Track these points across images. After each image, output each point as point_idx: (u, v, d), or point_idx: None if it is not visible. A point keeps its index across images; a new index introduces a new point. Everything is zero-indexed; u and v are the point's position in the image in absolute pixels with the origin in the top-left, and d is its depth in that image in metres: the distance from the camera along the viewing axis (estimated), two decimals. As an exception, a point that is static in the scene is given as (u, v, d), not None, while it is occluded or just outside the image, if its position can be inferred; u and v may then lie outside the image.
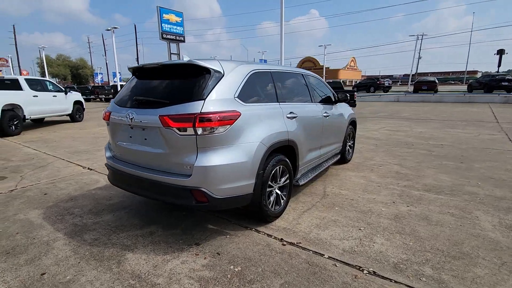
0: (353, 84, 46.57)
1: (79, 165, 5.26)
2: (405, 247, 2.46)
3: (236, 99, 2.45)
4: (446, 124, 9.38)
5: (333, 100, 4.40)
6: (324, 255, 2.37)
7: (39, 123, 11.49)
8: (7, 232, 2.84)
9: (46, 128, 10.22)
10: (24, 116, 9.01)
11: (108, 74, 58.23)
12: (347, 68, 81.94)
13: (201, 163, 2.23)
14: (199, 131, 2.19)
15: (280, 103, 3.01)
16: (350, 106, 12.22)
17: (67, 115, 11.52)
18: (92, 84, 48.43)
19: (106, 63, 60.00)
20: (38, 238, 2.72)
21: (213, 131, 2.23)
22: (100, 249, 2.51)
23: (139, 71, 2.79)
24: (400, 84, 60.51)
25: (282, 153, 2.96)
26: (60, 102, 10.81)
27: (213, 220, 3.00)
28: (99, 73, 56.69)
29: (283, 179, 3.02)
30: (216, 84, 2.36)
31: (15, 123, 8.62)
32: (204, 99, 2.25)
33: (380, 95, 24.20)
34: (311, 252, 2.42)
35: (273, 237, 2.66)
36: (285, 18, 16.23)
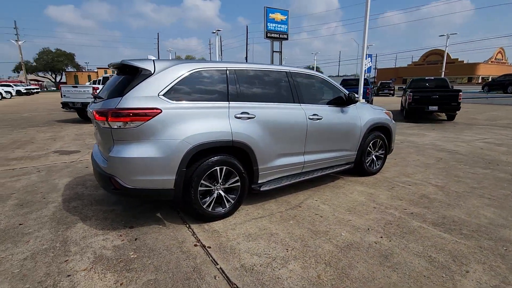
0: (485, 81, 37.17)
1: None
2: (314, 281, 2.04)
3: (161, 96, 2.54)
4: None
5: (344, 101, 3.84)
6: (217, 264, 2.24)
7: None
8: (36, 190, 3.83)
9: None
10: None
11: (222, 72, 65.60)
12: (491, 61, 65.82)
13: (113, 153, 2.46)
14: (112, 125, 2.42)
15: (231, 102, 2.90)
16: (451, 110, 10.08)
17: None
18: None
19: (222, 62, 67.75)
20: (46, 198, 3.56)
21: (125, 126, 2.41)
22: (68, 214, 3.11)
23: (114, 68, 3.20)
24: None
25: (228, 154, 2.87)
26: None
27: (166, 211, 3.20)
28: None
29: (230, 181, 2.93)
30: (140, 82, 2.52)
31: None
32: (122, 96, 2.46)
33: (520, 97, 18.53)
34: (210, 259, 2.31)
35: (195, 236, 2.66)
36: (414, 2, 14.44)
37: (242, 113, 2.90)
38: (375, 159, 4.42)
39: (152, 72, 2.57)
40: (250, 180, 3.10)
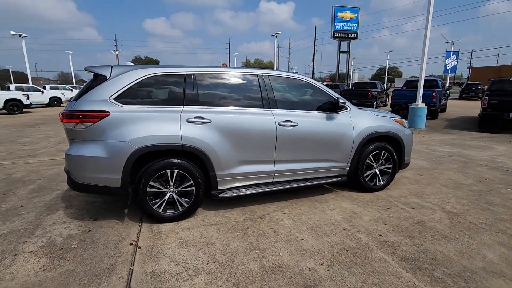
0: None
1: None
2: (206, 300, 1.91)
3: (111, 100, 2.71)
4: None
5: (332, 107, 3.46)
6: (133, 266, 2.27)
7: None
8: (56, 179, 4.49)
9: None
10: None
11: (289, 74, 65.87)
12: None
13: (67, 151, 2.73)
14: (66, 125, 2.68)
15: (186, 106, 2.91)
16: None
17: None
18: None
19: (288, 64, 67.79)
20: (57, 186, 4.15)
21: (75, 127, 2.65)
22: (60, 202, 3.56)
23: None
24: None
25: (181, 158, 2.89)
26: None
27: (134, 208, 3.38)
28: (282, 74, 65.32)
29: (184, 185, 2.94)
30: (95, 87, 2.73)
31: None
32: (77, 100, 2.71)
33: None
34: (131, 259, 2.37)
35: (137, 235, 2.75)
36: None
37: (195, 117, 2.88)
38: (378, 173, 3.85)
39: (107, 77, 2.77)
40: (209, 186, 3.05)
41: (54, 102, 20.73)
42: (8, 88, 18.89)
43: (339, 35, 38.35)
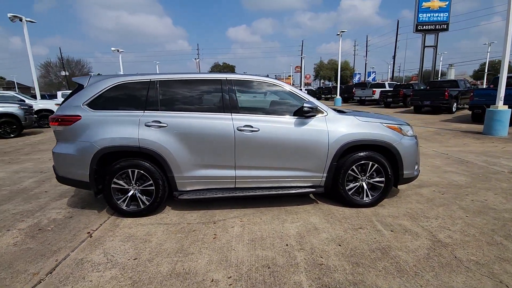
0: None
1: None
2: (98, 292, 2.06)
3: (84, 106, 3.11)
4: None
5: (304, 111, 3.21)
6: (72, 252, 2.59)
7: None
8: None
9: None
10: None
11: (365, 74, 61.61)
12: None
13: (53, 149, 3.23)
14: (52, 127, 3.20)
15: (146, 111, 3.12)
16: None
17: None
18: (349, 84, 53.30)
19: (365, 63, 63.34)
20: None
21: (56, 128, 3.14)
22: (72, 191, 4.23)
23: None
24: None
25: (140, 159, 3.12)
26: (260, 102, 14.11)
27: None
28: (358, 73, 61.09)
29: (145, 184, 3.17)
30: (73, 94, 3.18)
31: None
32: (60, 105, 3.20)
33: None
34: (76, 246, 2.69)
35: (100, 225, 3.10)
36: None
37: (153, 121, 3.07)
38: (366, 187, 3.37)
39: (84, 86, 3.19)
40: (169, 187, 3.21)
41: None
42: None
43: (424, 27, 33.96)
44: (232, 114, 3.18)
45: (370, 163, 3.29)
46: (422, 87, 19.20)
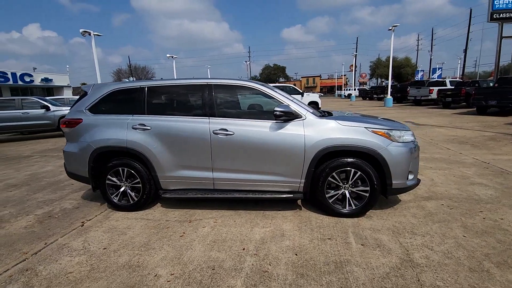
0: None
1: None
2: (70, 281, 2.37)
3: (86, 110, 3.54)
4: None
5: (282, 115, 3.15)
6: (61, 238, 2.99)
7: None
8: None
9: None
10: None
11: (430, 71, 55.91)
12: None
13: (64, 148, 3.74)
14: (62, 129, 3.70)
15: (134, 115, 3.41)
16: None
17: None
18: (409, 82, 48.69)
19: (430, 58, 57.42)
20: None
21: (65, 130, 3.62)
22: (91, 184, 4.81)
23: None
24: None
25: (129, 158, 3.44)
26: (295, 102, 13.96)
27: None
28: (421, 70, 55.58)
29: (133, 182, 3.48)
30: (79, 101, 3.64)
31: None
32: (70, 110, 3.68)
33: None
34: (66, 232, 3.10)
35: (95, 216, 3.49)
36: None
37: (139, 124, 3.35)
38: (348, 196, 3.16)
39: (87, 93, 3.64)
40: (156, 185, 3.47)
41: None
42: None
43: (500, 15, 29.31)
44: (210, 118, 3.29)
45: (353, 170, 3.08)
46: (491, 84, 16.69)
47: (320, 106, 14.99)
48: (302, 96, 14.04)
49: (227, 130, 3.20)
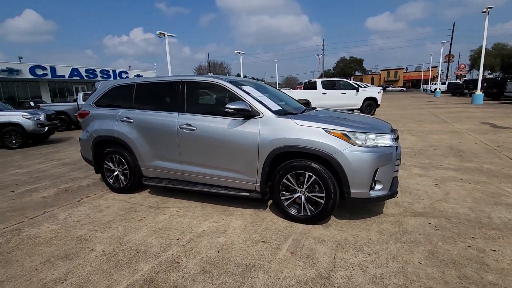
0: None
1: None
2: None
3: (92, 104, 4.15)
4: None
5: (241, 112, 3.13)
6: (50, 210, 3.64)
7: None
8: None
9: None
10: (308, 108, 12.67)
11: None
12: None
13: (80, 136, 4.46)
14: (79, 119, 4.42)
15: (124, 109, 3.84)
16: None
17: (356, 109, 13.48)
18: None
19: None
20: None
21: (80, 120, 4.32)
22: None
23: None
24: None
25: (120, 147, 3.91)
26: (348, 98, 13.05)
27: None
28: (540, 60, 44.44)
29: (123, 167, 3.96)
30: (91, 95, 4.28)
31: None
32: (84, 104, 4.37)
33: None
34: (65, 204, 3.75)
35: (87, 197, 4.10)
36: None
37: (125, 117, 3.78)
38: (303, 200, 2.96)
39: (96, 89, 4.25)
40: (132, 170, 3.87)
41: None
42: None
43: None
44: (180, 113, 3.48)
45: (307, 174, 2.86)
46: None
47: (379, 102, 13.65)
48: (357, 91, 12.97)
49: (190, 126, 3.34)
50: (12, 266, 2.42)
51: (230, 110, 3.02)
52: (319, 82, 12.89)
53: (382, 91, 13.76)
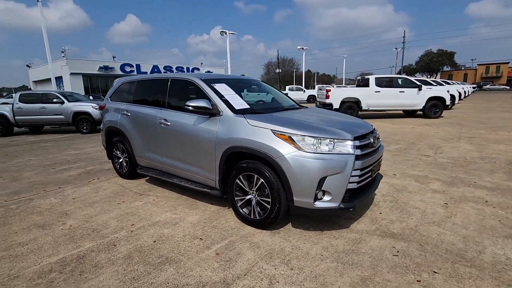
0: None
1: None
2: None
3: (108, 98, 4.72)
4: None
5: (204, 110, 3.19)
6: (59, 187, 4.31)
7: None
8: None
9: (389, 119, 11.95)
10: (361, 107, 11.71)
11: None
12: None
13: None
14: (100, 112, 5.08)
15: (126, 104, 4.28)
16: None
17: (419, 110, 11.91)
18: None
19: None
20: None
21: (101, 112, 4.98)
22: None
23: None
24: None
25: (122, 137, 4.39)
26: (406, 97, 11.62)
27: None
28: None
29: (124, 155, 4.45)
30: (109, 90, 4.88)
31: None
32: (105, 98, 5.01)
33: None
34: (72, 183, 4.41)
35: (106, 177, 4.70)
36: None
37: (126, 110, 4.21)
38: (253, 203, 2.86)
39: (114, 84, 4.82)
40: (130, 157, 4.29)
41: (311, 99, 26.01)
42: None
43: None
44: (162, 109, 3.71)
45: (256, 176, 2.77)
46: None
47: (448, 103, 11.78)
48: (420, 89, 11.40)
49: (167, 121, 3.55)
50: (4, 228, 3.00)
51: (190, 107, 3.10)
52: (372, 78, 11.76)
53: (472, 89, 11.84)
